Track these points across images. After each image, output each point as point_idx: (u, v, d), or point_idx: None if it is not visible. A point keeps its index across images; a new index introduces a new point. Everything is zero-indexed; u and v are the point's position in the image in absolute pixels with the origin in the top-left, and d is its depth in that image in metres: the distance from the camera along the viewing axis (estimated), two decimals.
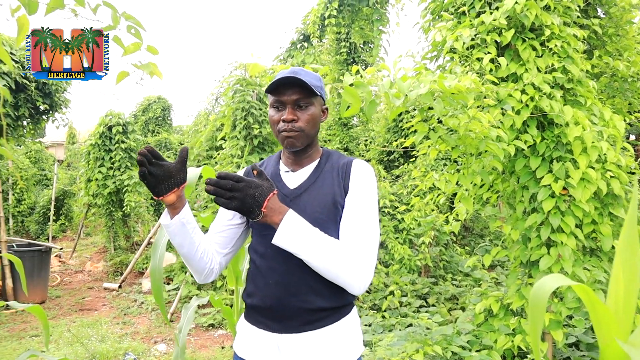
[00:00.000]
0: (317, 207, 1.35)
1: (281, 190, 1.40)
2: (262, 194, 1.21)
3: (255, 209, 1.20)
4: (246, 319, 1.46)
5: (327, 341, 1.34)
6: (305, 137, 1.37)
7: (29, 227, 11.80)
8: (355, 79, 1.80)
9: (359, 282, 1.28)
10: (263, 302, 1.37)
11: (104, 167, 8.13)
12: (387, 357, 3.21)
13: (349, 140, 8.65)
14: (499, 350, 3.09)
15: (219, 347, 4.46)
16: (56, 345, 4.46)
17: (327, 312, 1.35)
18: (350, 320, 1.40)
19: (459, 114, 2.29)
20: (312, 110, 1.37)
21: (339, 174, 1.40)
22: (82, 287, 7.25)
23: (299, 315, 1.33)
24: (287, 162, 1.47)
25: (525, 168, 2.83)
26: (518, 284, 3.01)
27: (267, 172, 1.47)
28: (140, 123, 14.93)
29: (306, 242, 1.24)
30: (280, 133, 1.36)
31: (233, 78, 6.17)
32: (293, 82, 1.33)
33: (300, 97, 1.35)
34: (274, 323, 1.36)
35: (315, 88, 1.34)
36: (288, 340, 1.34)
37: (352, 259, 1.27)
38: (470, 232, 8.18)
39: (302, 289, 1.33)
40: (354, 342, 1.39)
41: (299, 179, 1.42)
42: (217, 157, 6.33)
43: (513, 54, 2.83)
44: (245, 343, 1.43)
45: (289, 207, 1.32)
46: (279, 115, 1.37)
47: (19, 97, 5.80)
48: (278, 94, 1.35)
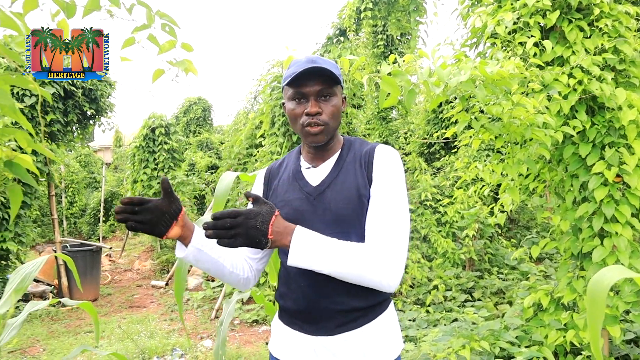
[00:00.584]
0: (341, 202, 1.28)
1: (304, 188, 1.35)
2: (264, 221, 1.13)
3: (261, 239, 1.13)
4: (280, 320, 1.42)
5: (364, 342, 1.28)
6: (329, 131, 1.31)
7: (81, 228, 12.34)
8: (392, 68, 1.75)
9: (389, 280, 1.20)
10: (296, 305, 1.33)
11: (149, 168, 8.37)
12: (432, 352, 3.14)
13: (389, 134, 8.55)
14: (550, 346, 2.97)
15: (263, 343, 4.51)
16: (108, 341, 4.63)
17: (362, 311, 1.29)
18: (387, 317, 1.34)
19: (502, 101, 2.20)
20: (335, 101, 1.31)
21: (362, 164, 1.32)
22: (132, 285, 7.50)
23: (333, 317, 1.28)
24: (307, 158, 1.40)
25: (574, 155, 2.70)
26: (569, 277, 2.88)
27: (289, 170, 1.41)
28: (182, 124, 15.28)
29: (322, 257, 1.17)
30: (304, 128, 1.29)
31: (270, 75, 6.21)
32: (315, 71, 1.25)
33: (323, 87, 1.27)
34: (308, 325, 1.31)
35: (336, 77, 1.29)
36: (324, 343, 1.29)
37: (376, 259, 1.19)
38: (516, 224, 7.93)
39: (334, 291, 1.27)
40: (392, 340, 1.34)
41: (321, 174, 1.35)
42: (256, 154, 6.39)
43: (559, 36, 2.70)
44: (281, 344, 1.39)
45: (314, 205, 1.29)
46: (302, 108, 1.29)
47: (68, 104, 6.03)
48: (299, 85, 1.27)
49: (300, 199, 1.33)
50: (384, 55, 8.18)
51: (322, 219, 1.28)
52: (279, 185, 1.41)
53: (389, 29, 7.77)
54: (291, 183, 1.38)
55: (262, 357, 4.04)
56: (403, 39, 8.49)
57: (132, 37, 1.33)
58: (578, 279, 2.79)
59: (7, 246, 5.43)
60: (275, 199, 1.38)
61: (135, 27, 1.29)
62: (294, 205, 1.33)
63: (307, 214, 1.30)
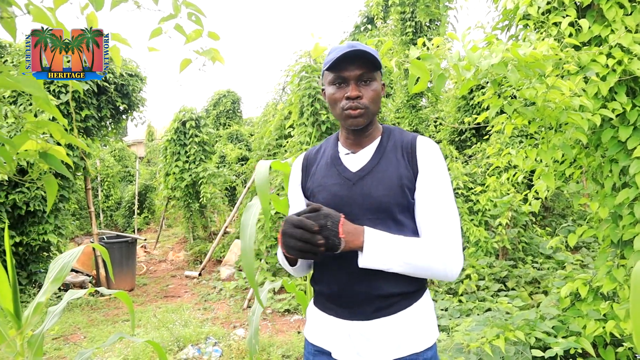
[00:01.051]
0: (382, 189, 1.28)
1: (342, 173, 1.35)
2: (334, 222, 1.16)
3: (334, 239, 1.15)
4: (315, 305, 1.42)
5: (399, 328, 1.28)
6: (369, 114, 1.31)
7: (117, 221, 12.69)
8: (422, 51, 1.71)
9: (452, 270, 1.24)
10: (330, 289, 1.33)
11: (180, 160, 8.51)
12: (466, 342, 3.10)
13: (419, 122, 8.44)
14: (588, 337, 2.88)
15: (295, 332, 4.55)
16: (144, 329, 4.76)
17: (398, 297, 1.29)
18: (423, 305, 1.33)
19: (536, 84, 2.13)
20: (376, 85, 1.31)
21: (404, 155, 1.33)
22: (166, 276, 7.68)
23: (369, 301, 1.28)
24: (346, 144, 1.40)
25: (613, 139, 2.59)
26: (608, 265, 2.78)
27: (327, 156, 1.42)
28: (212, 117, 15.49)
29: (393, 256, 1.19)
30: (344, 111, 1.29)
31: (298, 66, 6.21)
32: (356, 55, 1.26)
33: (363, 71, 1.28)
34: (343, 310, 1.31)
35: (376, 61, 1.28)
36: (359, 328, 1.28)
37: (440, 252, 1.23)
38: (551, 212, 7.73)
39: (369, 275, 1.26)
40: (428, 327, 1.33)
41: (361, 160, 1.35)
42: (286, 145, 6.41)
43: (596, 14, 2.59)
44: (316, 329, 1.40)
45: (353, 191, 1.30)
46: (342, 92, 1.29)
47: (101, 99, 6.19)
48: (339, 69, 1.28)
49: (339, 184, 1.33)
50: (413, 42, 8.06)
51: (361, 205, 1.29)
52: (317, 171, 1.41)
53: (418, 16, 7.64)
54: (329, 168, 1.38)
55: (294, 345, 4.08)
56: (432, 26, 8.33)
57: (159, 27, 1.34)
58: (618, 268, 2.69)
59: (48, 238, 5.64)
60: (313, 184, 1.39)
61: (162, 17, 1.30)
62: (332, 191, 1.33)
63: (346, 199, 1.30)
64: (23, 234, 5.56)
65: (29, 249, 5.66)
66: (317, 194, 1.36)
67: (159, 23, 1.31)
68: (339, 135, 1.45)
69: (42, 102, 1.10)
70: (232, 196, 11.15)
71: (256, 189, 1.67)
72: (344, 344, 1.30)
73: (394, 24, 8.09)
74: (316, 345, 1.38)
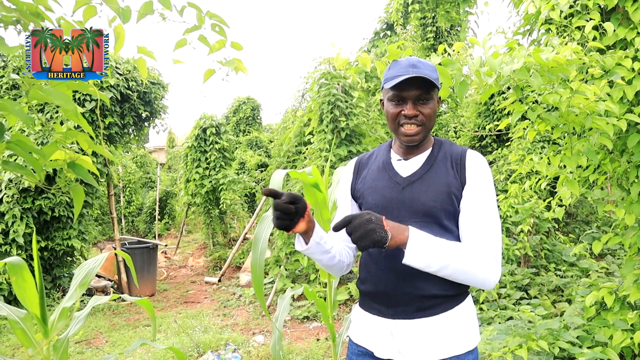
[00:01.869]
0: (431, 195, 1.34)
1: (393, 178, 1.41)
2: (377, 218, 1.19)
3: (381, 233, 1.17)
4: (361, 306, 1.47)
5: (440, 329, 1.32)
6: (425, 132, 1.37)
7: (138, 226, 12.87)
8: (443, 57, 1.71)
9: (492, 278, 1.28)
10: (376, 288, 1.38)
11: (201, 167, 8.60)
12: (487, 352, 3.05)
13: (438, 128, 8.39)
14: (615, 347, 2.81)
15: (314, 339, 4.54)
16: (165, 335, 4.80)
17: (440, 299, 1.33)
18: (465, 308, 1.38)
19: (560, 89, 2.10)
20: (432, 104, 1.36)
21: (454, 165, 1.38)
22: (186, 281, 7.75)
23: (412, 301, 1.33)
24: (399, 152, 1.46)
25: (639, 145, 2.54)
26: (636, 274, 2.72)
27: (378, 161, 1.48)
28: (232, 124, 15.61)
29: (436, 257, 1.23)
30: (400, 127, 1.36)
31: (318, 73, 6.23)
32: (416, 79, 1.30)
33: (422, 92, 1.33)
34: (387, 309, 1.36)
35: (435, 81, 1.32)
36: (401, 326, 1.33)
37: (480, 259, 1.26)
38: (574, 219, 7.59)
39: (415, 276, 1.31)
40: (469, 331, 1.36)
41: (411, 167, 1.41)
42: (305, 152, 6.43)
43: (621, 17, 2.55)
44: (360, 329, 1.45)
45: (402, 195, 1.36)
46: (399, 109, 1.35)
47: (124, 107, 6.30)
48: (399, 89, 1.33)
49: (390, 187, 1.39)
50: (433, 48, 8.02)
51: (409, 209, 1.35)
52: (368, 174, 1.48)
53: (438, 21, 7.61)
54: (380, 172, 1.44)
55: (313, 353, 4.07)
56: (452, 31, 8.30)
57: (183, 38, 1.36)
58: None
59: (71, 243, 5.75)
60: (364, 186, 1.46)
61: (187, 29, 1.33)
62: (382, 192, 1.40)
63: (395, 201, 1.37)
64: (48, 239, 5.68)
65: (53, 254, 5.77)
66: (367, 196, 1.43)
67: (183, 34, 1.34)
68: (392, 142, 1.51)
69: (71, 114, 1.13)
70: (252, 202, 11.22)
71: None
72: (386, 343, 1.35)
73: (414, 29, 8.08)
74: (360, 345, 1.43)
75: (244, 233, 7.63)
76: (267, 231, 1.78)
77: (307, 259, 5.74)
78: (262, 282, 1.59)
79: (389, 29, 8.43)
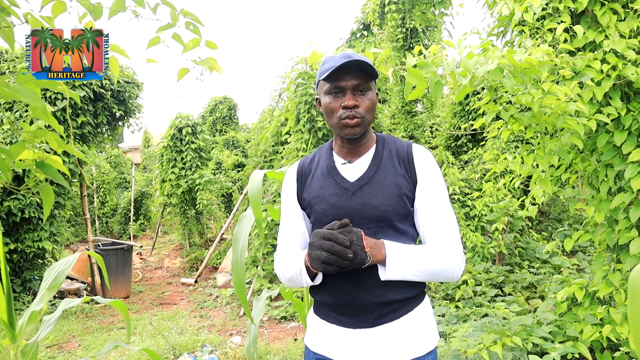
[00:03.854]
0: (382, 199, 1.30)
1: (340, 183, 1.35)
2: (358, 237, 1.19)
3: (362, 254, 1.18)
4: (316, 314, 1.42)
5: (402, 333, 1.30)
6: (366, 124, 1.32)
7: (113, 227, 12.63)
8: (418, 59, 1.72)
9: (459, 270, 1.30)
10: (333, 299, 1.33)
11: (177, 167, 8.49)
12: (463, 348, 3.09)
13: (414, 128, 8.46)
14: (585, 341, 2.89)
15: (291, 339, 4.53)
16: (140, 337, 4.73)
17: (399, 303, 1.31)
18: (423, 309, 1.36)
19: (532, 90, 2.14)
20: (371, 95, 1.33)
21: (401, 164, 1.35)
22: (162, 283, 7.64)
23: (372, 309, 1.29)
24: (341, 153, 1.40)
25: (608, 144, 2.61)
26: (605, 270, 2.79)
27: (322, 166, 1.41)
28: (208, 123, 15.47)
29: (412, 266, 1.24)
30: (341, 120, 1.30)
31: (295, 72, 6.22)
32: (353, 65, 1.27)
33: (360, 81, 1.29)
34: (347, 318, 1.32)
35: (371, 70, 1.30)
36: (362, 335, 1.30)
37: (449, 255, 1.28)
38: (547, 217, 7.75)
39: (373, 284, 1.28)
40: (429, 331, 1.35)
41: (358, 170, 1.36)
42: (282, 151, 6.41)
43: (590, 20, 2.61)
44: (318, 338, 1.40)
45: (352, 201, 1.31)
46: (338, 102, 1.31)
47: (97, 106, 6.18)
48: (336, 79, 1.29)
49: (337, 195, 1.34)
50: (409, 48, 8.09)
51: (361, 215, 1.30)
52: (313, 181, 1.41)
53: (414, 22, 7.68)
54: (326, 179, 1.38)
55: (290, 353, 4.06)
56: (428, 32, 8.37)
57: (157, 36, 1.33)
58: (614, 272, 2.70)
59: (43, 245, 5.61)
60: (310, 194, 1.39)
61: (160, 27, 1.30)
62: (330, 201, 1.34)
63: (345, 209, 1.31)
64: (18, 241, 5.52)
65: (23, 256, 5.62)
66: (315, 205, 1.36)
67: (157, 32, 1.31)
68: (332, 144, 1.45)
69: (40, 112, 1.10)
70: (229, 203, 11.13)
71: (249, 200, 1.67)
72: (348, 352, 1.31)
73: (390, 30, 8.13)
74: (318, 353, 1.38)
75: (221, 233, 7.56)
76: (246, 230, 1.77)
77: None
78: (243, 281, 1.58)
79: (366, 29, 8.47)
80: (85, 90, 5.82)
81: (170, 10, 1.33)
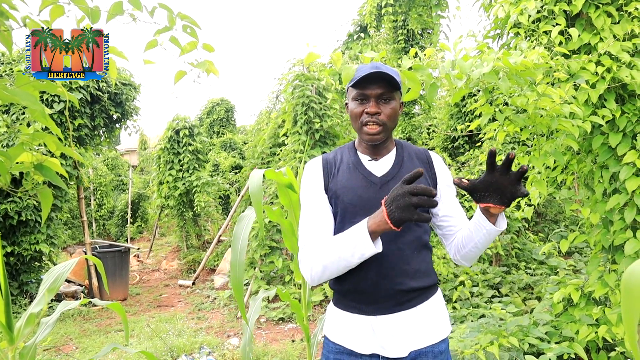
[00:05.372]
0: None
1: (368, 177, 1.44)
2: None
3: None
4: (337, 305, 1.48)
5: (419, 320, 1.40)
6: (386, 131, 1.42)
7: (110, 230, 12.60)
8: (414, 62, 1.73)
9: None
10: (356, 287, 1.40)
11: (174, 169, 8.48)
12: (460, 349, 3.11)
13: (412, 130, 8.48)
14: (581, 342, 2.90)
15: (289, 341, 4.53)
16: (138, 340, 4.72)
17: (417, 292, 1.41)
18: (437, 299, 1.47)
19: (527, 92, 2.16)
20: (394, 104, 1.41)
21: (422, 164, 1.49)
22: (159, 285, 7.63)
23: (392, 297, 1.38)
24: (365, 152, 1.51)
25: (603, 146, 2.63)
26: (600, 270, 2.81)
27: (346, 162, 1.50)
28: (206, 125, 15.46)
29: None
30: (364, 126, 1.41)
31: (292, 74, 6.23)
32: (378, 76, 1.36)
33: (384, 91, 1.38)
34: (367, 306, 1.40)
35: (397, 82, 1.39)
36: (382, 322, 1.38)
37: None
38: (543, 218, 7.78)
39: (395, 272, 1.38)
40: (443, 320, 1.46)
41: (383, 167, 1.47)
42: (280, 153, 6.42)
43: (585, 23, 2.63)
44: (337, 327, 1.46)
45: (379, 194, 1.40)
46: (362, 108, 1.41)
47: (95, 108, 6.17)
48: (362, 87, 1.39)
49: (365, 187, 1.43)
50: (405, 50, 8.12)
51: None
52: (339, 174, 1.49)
53: (410, 24, 7.71)
54: (352, 172, 1.47)
55: (288, 354, 4.06)
56: (425, 34, 8.40)
57: (154, 39, 1.35)
58: (610, 273, 2.72)
59: (40, 248, 5.59)
60: (336, 185, 1.46)
61: (157, 30, 1.31)
62: (358, 192, 1.42)
63: (373, 201, 1.39)
64: (15, 243, 5.51)
65: (20, 259, 5.60)
66: (343, 195, 1.43)
67: (154, 35, 1.32)
68: (354, 144, 1.55)
69: (38, 114, 1.10)
70: (226, 205, 11.12)
71: (251, 198, 1.68)
72: (368, 339, 1.39)
73: (387, 32, 8.15)
74: (338, 344, 1.44)
75: (218, 235, 7.56)
76: (246, 230, 1.77)
77: (281, 261, 5.74)
78: (242, 282, 1.58)
79: (363, 32, 8.49)
80: (82, 92, 5.82)
81: (168, 13, 1.34)
